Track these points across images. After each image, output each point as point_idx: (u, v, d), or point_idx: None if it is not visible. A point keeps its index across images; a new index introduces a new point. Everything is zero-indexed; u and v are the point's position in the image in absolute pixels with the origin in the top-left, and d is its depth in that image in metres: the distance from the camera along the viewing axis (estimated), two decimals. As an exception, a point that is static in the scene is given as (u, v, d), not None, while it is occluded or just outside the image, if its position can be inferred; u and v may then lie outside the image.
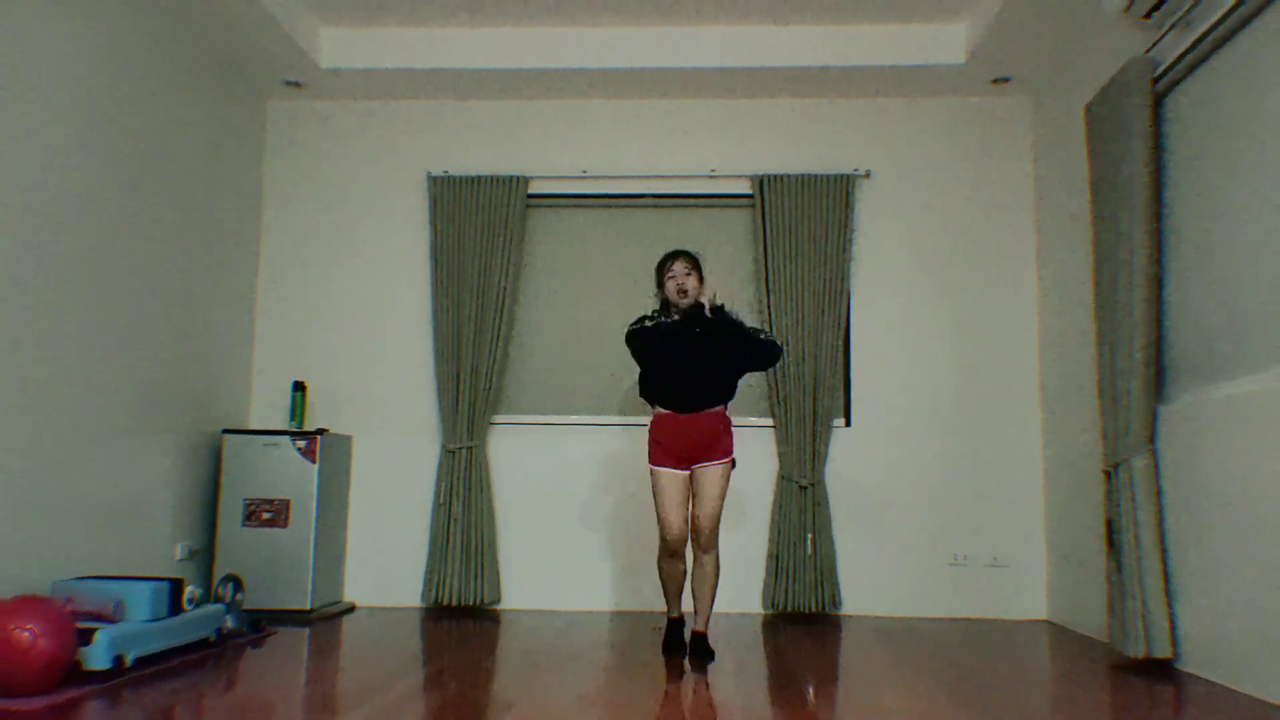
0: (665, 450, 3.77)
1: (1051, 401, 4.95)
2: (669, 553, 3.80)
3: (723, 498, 3.76)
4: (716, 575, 3.81)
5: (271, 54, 4.90)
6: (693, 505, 3.79)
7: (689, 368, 3.76)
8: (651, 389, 3.86)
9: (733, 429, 3.85)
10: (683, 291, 3.77)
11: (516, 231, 5.23)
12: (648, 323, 3.84)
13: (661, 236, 5.31)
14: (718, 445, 3.78)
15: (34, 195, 3.65)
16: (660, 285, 3.88)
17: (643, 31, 5.01)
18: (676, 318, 3.81)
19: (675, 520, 3.73)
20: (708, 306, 3.74)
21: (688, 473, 3.79)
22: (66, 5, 3.82)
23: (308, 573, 4.70)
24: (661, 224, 5.38)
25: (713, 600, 3.82)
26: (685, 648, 3.82)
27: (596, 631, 4.38)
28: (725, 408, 3.86)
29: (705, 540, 3.76)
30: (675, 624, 3.91)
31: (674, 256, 3.86)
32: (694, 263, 3.87)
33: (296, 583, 4.69)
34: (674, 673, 3.43)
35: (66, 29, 3.83)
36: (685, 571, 3.88)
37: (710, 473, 3.76)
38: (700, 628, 3.80)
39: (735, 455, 3.84)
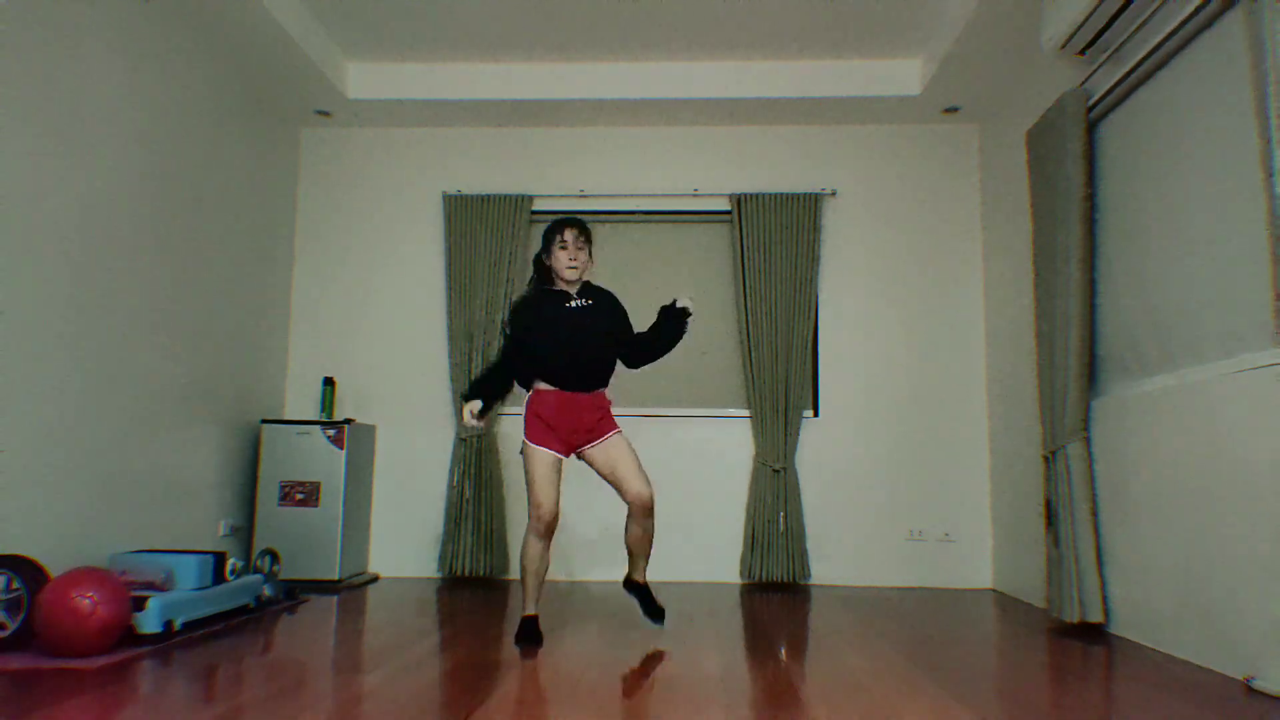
0: (549, 427, 3.22)
1: (996, 394, 4.96)
2: (540, 533, 3.22)
3: (639, 461, 3.29)
4: (652, 536, 3.37)
5: (304, 87, 4.87)
6: (619, 484, 3.25)
7: (580, 345, 3.24)
8: (538, 364, 3.27)
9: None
10: (573, 266, 3.23)
11: (521, 244, 5.22)
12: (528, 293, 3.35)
13: (650, 248, 5.31)
14: (604, 423, 3.29)
15: (95, 213, 3.62)
16: (546, 251, 3.29)
17: (634, 66, 5.00)
18: (568, 292, 3.28)
19: (550, 501, 3.20)
20: (677, 304, 3.32)
21: (566, 458, 3.30)
22: (126, 49, 3.79)
23: (336, 547, 4.69)
24: (650, 238, 5.36)
25: (648, 556, 3.43)
26: (541, 639, 3.25)
27: (592, 598, 4.37)
28: (606, 390, 3.36)
29: (646, 509, 3.26)
30: (530, 621, 3.28)
31: (567, 224, 3.26)
32: (588, 236, 3.29)
33: (326, 556, 4.68)
34: (662, 635, 3.43)
35: (125, 69, 3.80)
36: (548, 564, 3.30)
37: (612, 447, 3.27)
38: (643, 579, 3.46)
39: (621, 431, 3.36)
